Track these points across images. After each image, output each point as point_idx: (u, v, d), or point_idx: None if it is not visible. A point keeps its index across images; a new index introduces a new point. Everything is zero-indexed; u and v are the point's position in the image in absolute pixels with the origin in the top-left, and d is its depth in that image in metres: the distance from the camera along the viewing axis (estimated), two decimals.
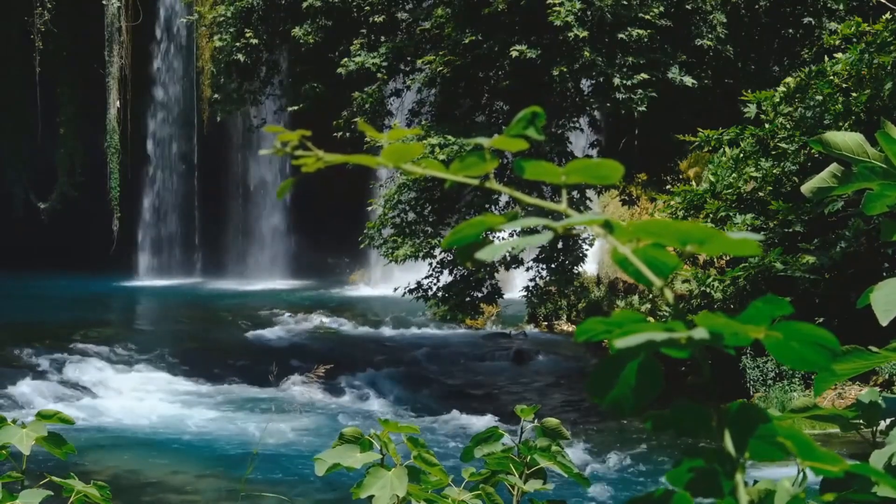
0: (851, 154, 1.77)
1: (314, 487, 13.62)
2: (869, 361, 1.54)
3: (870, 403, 1.64)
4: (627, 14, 18.49)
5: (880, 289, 1.53)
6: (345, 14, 21.08)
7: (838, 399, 15.79)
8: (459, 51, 19.40)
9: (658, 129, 20.28)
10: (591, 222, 0.98)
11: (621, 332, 0.95)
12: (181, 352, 23.02)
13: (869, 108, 15.81)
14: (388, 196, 19.83)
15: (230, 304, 30.81)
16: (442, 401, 19.67)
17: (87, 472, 12.66)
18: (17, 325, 24.69)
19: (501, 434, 2.69)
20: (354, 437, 2.54)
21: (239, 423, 17.91)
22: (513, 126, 1.07)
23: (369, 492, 2.44)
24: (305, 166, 1.09)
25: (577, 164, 1.04)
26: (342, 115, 20.67)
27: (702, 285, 16.58)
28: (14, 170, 37.94)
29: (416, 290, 20.28)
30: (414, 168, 1.07)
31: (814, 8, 20.09)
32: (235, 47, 21.86)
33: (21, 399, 18.99)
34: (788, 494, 1.18)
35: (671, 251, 0.98)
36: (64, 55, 36.51)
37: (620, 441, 16.67)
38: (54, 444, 2.72)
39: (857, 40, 16.13)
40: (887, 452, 1.45)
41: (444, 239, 1.07)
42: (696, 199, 16.84)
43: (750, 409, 0.98)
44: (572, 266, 19.94)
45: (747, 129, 16.75)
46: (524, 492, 2.66)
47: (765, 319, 0.96)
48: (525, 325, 26.83)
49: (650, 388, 0.96)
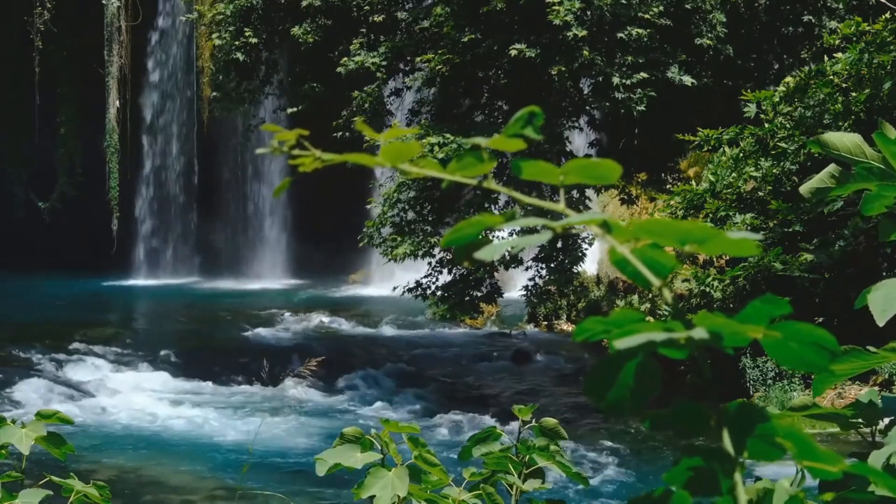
0: (849, 155, 1.77)
1: (314, 487, 13.62)
2: (867, 362, 1.54)
3: (869, 403, 1.65)
4: (627, 13, 18.49)
5: (878, 289, 1.53)
6: (344, 13, 21.09)
7: (838, 399, 15.80)
8: (459, 50, 19.40)
9: (658, 129, 20.27)
10: (589, 222, 0.98)
11: (620, 331, 0.95)
12: (180, 352, 23.02)
13: (868, 108, 15.81)
14: (387, 195, 19.83)
15: (229, 303, 30.80)
16: (442, 400, 19.67)
17: (87, 472, 12.65)
18: (17, 325, 24.69)
19: (500, 434, 2.69)
20: (355, 436, 2.54)
21: (238, 423, 17.91)
22: (510, 126, 1.07)
23: (370, 492, 2.44)
24: (302, 166, 1.09)
25: (575, 163, 1.04)
26: (342, 114, 20.67)
27: (701, 285, 16.58)
28: (14, 170, 37.94)
29: (416, 289, 20.27)
30: (412, 168, 1.07)
31: (813, 7, 20.09)
32: (235, 46, 21.86)
33: (21, 399, 18.98)
34: (787, 493, 1.19)
35: (670, 251, 0.98)
36: (64, 55, 36.51)
37: (619, 440, 16.67)
38: (54, 443, 2.72)
39: (857, 40, 16.13)
40: (886, 452, 1.45)
41: (443, 238, 1.07)
42: (696, 199, 16.84)
43: (749, 408, 0.98)
44: (572, 265, 19.94)
45: (747, 129, 16.75)
46: (523, 491, 2.66)
47: (764, 319, 0.96)
48: (525, 325, 26.83)
49: (648, 388, 0.96)
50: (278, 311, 28.30)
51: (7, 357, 21.62)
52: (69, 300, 30.27)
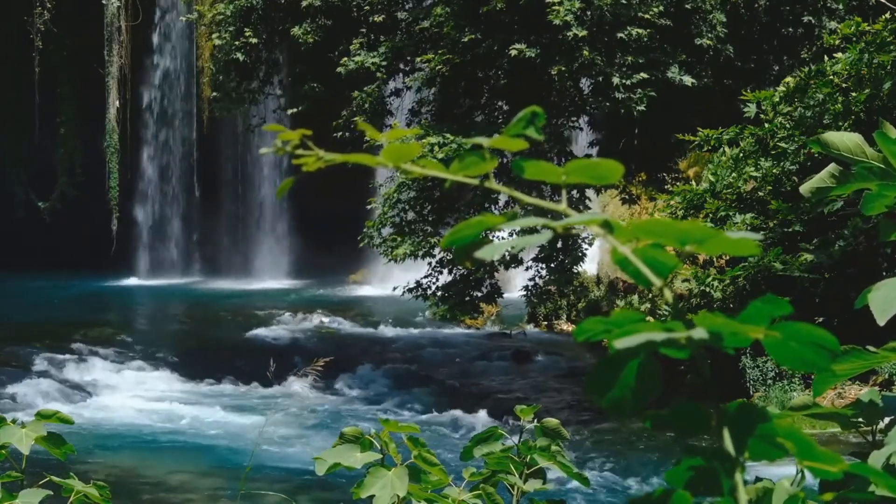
0: (850, 154, 1.77)
1: (314, 487, 13.62)
2: (867, 362, 1.54)
3: (869, 402, 1.65)
4: (627, 13, 18.49)
5: (878, 289, 1.53)
6: (344, 13, 21.09)
7: (838, 399, 15.79)
8: (459, 50, 19.41)
9: (658, 129, 20.27)
10: (590, 222, 0.98)
11: (620, 331, 0.95)
12: (181, 352, 23.02)
13: (868, 108, 15.80)
14: (387, 195, 19.83)
15: (230, 303, 30.81)
16: (442, 400, 19.67)
17: (87, 472, 12.65)
18: (17, 325, 24.69)
19: (501, 434, 2.69)
20: (355, 436, 2.54)
21: (238, 423, 17.91)
22: (512, 126, 1.07)
23: (370, 491, 2.44)
24: (305, 166, 1.09)
25: (576, 163, 1.04)
26: (342, 114, 20.68)
27: (701, 285, 16.58)
28: (14, 170, 37.94)
29: (416, 289, 20.27)
30: (413, 168, 1.07)
31: (813, 7, 20.10)
32: (235, 46, 21.86)
33: (21, 399, 18.99)
34: (787, 493, 1.19)
35: (670, 251, 0.98)
36: (64, 55, 36.51)
37: (620, 441, 16.67)
38: (54, 444, 2.72)
39: (857, 40, 16.13)
40: (886, 452, 1.45)
41: (443, 238, 1.07)
42: (696, 199, 16.84)
43: (749, 408, 0.98)
44: (572, 265, 19.94)
45: (747, 129, 16.74)
46: (524, 491, 2.66)
47: (764, 319, 0.96)
48: (525, 325, 26.83)
49: (649, 388, 0.96)
50: (278, 312, 28.30)
51: (7, 357, 21.62)
52: (69, 300, 30.27)
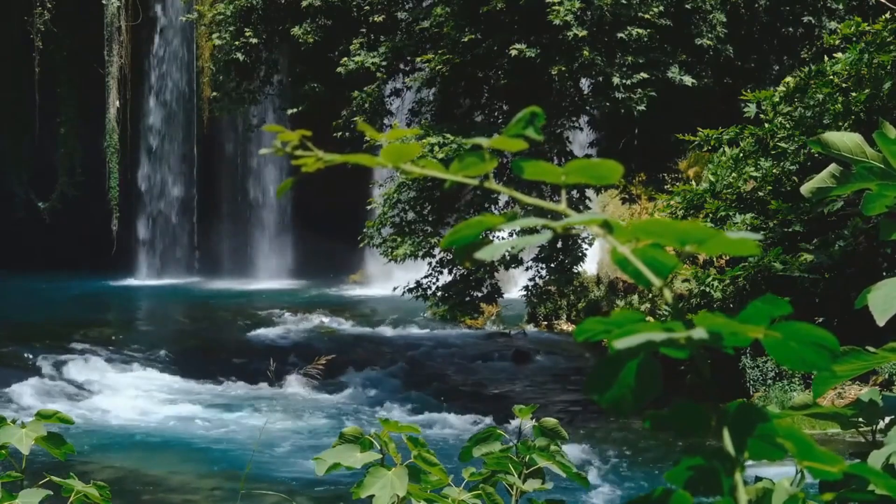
0: (850, 154, 1.77)
1: (314, 487, 13.62)
2: (867, 362, 1.54)
3: (869, 402, 1.65)
4: (627, 13, 18.49)
5: (878, 289, 1.53)
6: (344, 13, 21.09)
7: (838, 399, 15.79)
8: (459, 50, 19.41)
9: (658, 129, 20.27)
10: (590, 222, 0.98)
11: (620, 332, 0.95)
12: (181, 352, 23.02)
13: (868, 108, 15.80)
14: (387, 195, 19.83)
15: (229, 303, 30.80)
16: (442, 400, 19.67)
17: (87, 472, 12.66)
18: (17, 325, 24.69)
19: (500, 434, 2.69)
20: (355, 436, 2.54)
21: (238, 423, 17.91)
22: (512, 126, 1.07)
23: (369, 491, 2.44)
24: (305, 166, 1.09)
25: (576, 163, 1.04)
26: (342, 114, 20.68)
27: (701, 285, 16.58)
28: (14, 170, 37.94)
29: (416, 289, 20.27)
30: (413, 168, 1.07)
31: (813, 7, 20.10)
32: (235, 46, 21.87)
33: (21, 399, 18.99)
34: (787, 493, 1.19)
35: (670, 251, 0.98)
36: (64, 55, 36.51)
37: (620, 440, 16.67)
38: (54, 444, 2.72)
39: (857, 40, 16.12)
40: (886, 452, 1.45)
41: (443, 239, 1.07)
42: (696, 199, 16.84)
43: (749, 408, 0.98)
44: (572, 265, 19.94)
45: (747, 129, 16.74)
46: (523, 491, 2.66)
47: (764, 319, 0.96)
48: (525, 325, 26.82)
49: (649, 387, 0.96)
50: (278, 312, 28.29)
51: (7, 357, 21.63)
52: (69, 300, 30.27)
